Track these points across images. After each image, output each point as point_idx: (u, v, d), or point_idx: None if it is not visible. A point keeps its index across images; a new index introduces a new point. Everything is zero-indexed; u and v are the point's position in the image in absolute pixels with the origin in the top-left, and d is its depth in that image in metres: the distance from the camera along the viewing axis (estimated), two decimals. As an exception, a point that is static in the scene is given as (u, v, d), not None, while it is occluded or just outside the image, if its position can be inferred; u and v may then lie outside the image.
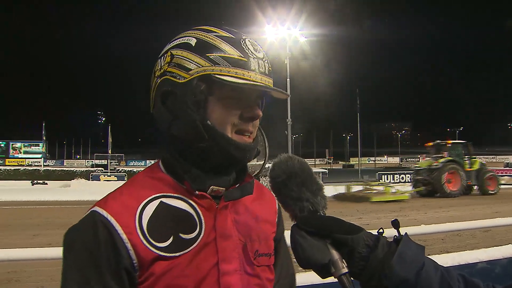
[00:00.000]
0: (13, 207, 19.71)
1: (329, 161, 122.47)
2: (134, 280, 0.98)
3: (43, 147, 64.46)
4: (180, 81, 1.03)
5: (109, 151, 57.90)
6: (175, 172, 1.07)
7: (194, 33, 1.07)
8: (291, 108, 33.09)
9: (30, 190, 33.31)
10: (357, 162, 69.62)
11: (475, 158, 27.15)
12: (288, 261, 1.25)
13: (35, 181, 43.17)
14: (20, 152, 66.87)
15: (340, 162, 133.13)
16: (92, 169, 55.17)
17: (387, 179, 42.35)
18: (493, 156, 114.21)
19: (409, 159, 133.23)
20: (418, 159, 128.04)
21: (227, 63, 1.01)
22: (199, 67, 1.02)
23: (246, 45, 1.05)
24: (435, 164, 25.45)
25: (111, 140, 58.49)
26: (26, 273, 7.38)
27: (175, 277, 0.98)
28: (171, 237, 1.00)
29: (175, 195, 1.05)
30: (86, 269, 0.95)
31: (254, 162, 1.17)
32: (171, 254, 0.99)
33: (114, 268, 0.95)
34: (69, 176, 46.69)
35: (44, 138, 63.06)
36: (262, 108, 1.12)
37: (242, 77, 1.02)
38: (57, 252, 3.36)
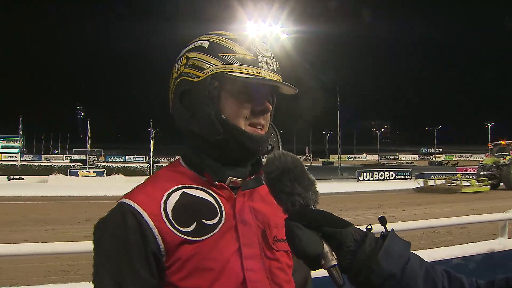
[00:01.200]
0: (-12, 202, 19.37)
1: (308, 158, 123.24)
2: (162, 265, 1.04)
3: (20, 141, 63.35)
4: (196, 80, 1.12)
5: (88, 146, 57.23)
6: (195, 165, 1.15)
7: (207, 37, 1.16)
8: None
9: (6, 185, 32.83)
10: (337, 160, 70.08)
11: None
12: None
13: (12, 176, 42.50)
14: (-4, 147, 65.64)
15: (319, 159, 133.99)
16: (71, 164, 54.57)
17: (366, 177, 42.88)
18: (469, 154, 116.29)
19: (388, 157, 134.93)
20: (397, 157, 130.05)
21: (238, 61, 1.10)
22: (212, 66, 1.11)
23: (254, 45, 1.14)
24: (502, 161, 29.30)
25: (89, 135, 57.83)
26: (1, 270, 7.27)
27: (201, 260, 1.04)
28: (195, 223, 1.06)
29: (196, 186, 1.12)
30: (117, 258, 1.02)
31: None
32: (195, 238, 1.05)
33: (143, 255, 1.02)
34: (47, 171, 46.02)
35: (21, 132, 62.00)
36: (273, 103, 1.21)
37: (252, 73, 1.10)
38: (33, 248, 3.33)
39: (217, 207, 1.10)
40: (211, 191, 1.12)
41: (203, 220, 1.07)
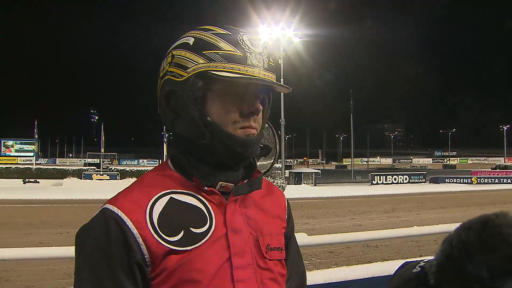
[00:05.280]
0: (4, 205, 19.60)
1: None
2: (146, 275, 0.98)
3: (35, 145, 63.92)
4: (179, 80, 1.04)
5: (102, 150, 57.64)
6: (184, 169, 1.08)
7: (193, 33, 1.08)
8: (284, 108, 33.15)
9: (22, 188, 33.20)
10: (350, 163, 69.78)
11: None
12: (298, 258, 1.25)
13: (27, 180, 42.99)
14: (12, 151, 66.37)
15: (333, 163, 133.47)
16: (85, 167, 54.96)
17: (380, 180, 42.61)
18: (484, 158, 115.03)
19: (402, 160, 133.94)
20: (410, 160, 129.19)
21: (223, 59, 1.02)
22: (196, 64, 1.03)
23: (243, 40, 1.05)
24: None
25: (103, 139, 58.27)
26: (17, 273, 7.35)
27: (188, 271, 0.98)
28: (182, 231, 1.00)
29: (184, 191, 1.06)
30: (98, 267, 0.95)
31: (264, 161, 1.18)
32: (182, 248, 0.99)
33: (126, 265, 0.96)
34: (62, 174, 46.42)
35: (37, 136, 62.55)
36: (269, 103, 1.14)
37: (238, 71, 1.02)
38: (48, 251, 3.34)
39: (206, 214, 1.04)
40: (200, 197, 1.05)
41: (191, 228, 1.01)
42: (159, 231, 0.98)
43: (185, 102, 1.03)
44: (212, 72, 1.02)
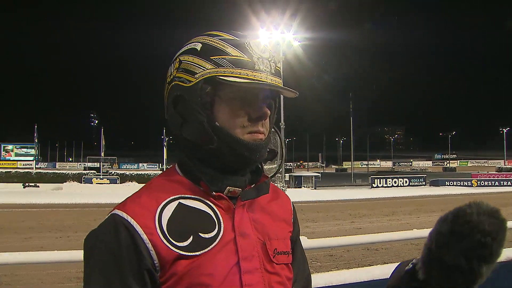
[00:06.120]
0: (4, 210, 19.59)
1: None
2: (156, 280, 0.98)
3: (35, 149, 63.94)
4: (187, 85, 1.05)
5: (102, 154, 57.71)
6: (191, 174, 1.08)
7: (200, 38, 1.09)
8: (284, 111, 33.19)
9: (22, 193, 33.18)
10: (350, 166, 69.79)
11: None
12: (304, 262, 1.26)
13: (27, 184, 43.00)
14: (12, 155, 66.34)
15: (333, 166, 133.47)
16: (85, 172, 54.98)
17: (380, 183, 42.62)
18: (485, 160, 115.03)
19: (402, 163, 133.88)
20: (410, 163, 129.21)
21: (231, 64, 1.03)
22: (204, 70, 1.04)
23: (250, 46, 1.06)
24: None
25: (103, 143, 58.36)
26: (17, 277, 7.33)
27: (197, 276, 0.98)
28: (191, 237, 1.00)
29: (192, 196, 1.06)
30: (109, 272, 0.95)
31: (269, 165, 1.17)
32: (191, 253, 0.99)
33: (136, 270, 0.96)
34: (61, 178, 46.48)
35: (36, 140, 62.62)
36: (276, 107, 1.15)
37: (246, 76, 1.02)
38: (49, 256, 3.34)
39: (215, 219, 1.04)
40: (209, 202, 1.06)
41: (200, 234, 1.01)
42: (168, 236, 0.98)
43: (193, 107, 1.04)
44: (220, 77, 1.02)
